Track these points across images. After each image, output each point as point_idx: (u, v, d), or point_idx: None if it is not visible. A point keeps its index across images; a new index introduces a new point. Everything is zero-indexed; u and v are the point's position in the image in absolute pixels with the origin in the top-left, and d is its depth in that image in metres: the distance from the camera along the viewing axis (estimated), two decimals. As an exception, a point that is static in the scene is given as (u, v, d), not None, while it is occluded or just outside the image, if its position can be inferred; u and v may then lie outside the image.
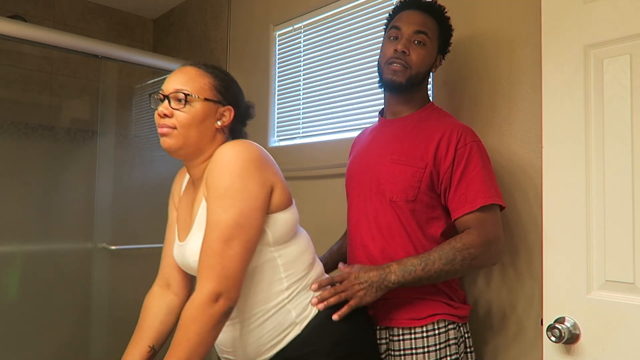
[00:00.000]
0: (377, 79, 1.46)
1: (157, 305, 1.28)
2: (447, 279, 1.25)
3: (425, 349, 1.28)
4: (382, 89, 1.46)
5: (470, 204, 1.25)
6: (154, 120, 1.20)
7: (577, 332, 1.09)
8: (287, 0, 2.33)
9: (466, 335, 1.36)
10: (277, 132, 2.39)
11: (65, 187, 2.38)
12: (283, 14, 2.36)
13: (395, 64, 1.35)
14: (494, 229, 1.26)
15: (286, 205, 1.18)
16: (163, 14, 3.25)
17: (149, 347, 1.22)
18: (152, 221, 2.51)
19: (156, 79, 2.76)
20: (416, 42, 1.36)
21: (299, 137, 2.29)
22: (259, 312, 1.16)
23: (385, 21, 1.49)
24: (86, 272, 2.31)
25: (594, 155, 1.09)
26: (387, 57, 1.38)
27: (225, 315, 1.06)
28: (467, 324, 1.39)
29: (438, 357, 1.28)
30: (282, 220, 1.16)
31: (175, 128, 1.14)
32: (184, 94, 1.15)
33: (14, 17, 2.47)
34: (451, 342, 1.30)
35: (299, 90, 2.27)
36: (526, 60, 1.49)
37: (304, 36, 2.26)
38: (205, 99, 1.17)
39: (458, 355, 1.31)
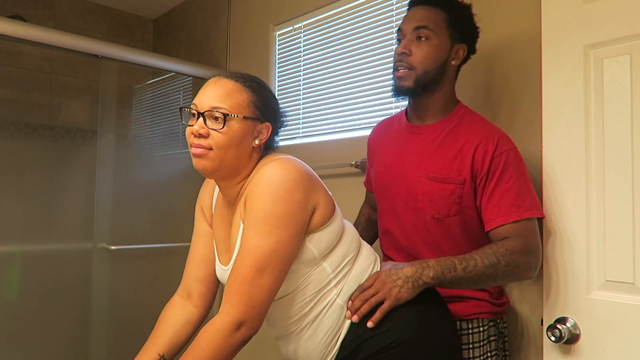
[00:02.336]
0: (377, 79, 1.45)
1: (174, 315, 1.23)
2: (485, 285, 1.20)
3: (470, 345, 1.28)
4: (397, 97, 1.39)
5: (503, 216, 1.19)
6: (154, 120, 1.15)
7: (577, 332, 1.08)
8: (287, 0, 2.33)
9: (503, 329, 1.38)
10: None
11: (65, 187, 2.38)
12: (283, 14, 2.36)
13: (399, 69, 1.30)
14: (534, 240, 1.18)
15: (329, 217, 1.10)
16: (163, 14, 3.25)
17: (159, 355, 1.18)
18: (152, 221, 2.51)
19: (156, 79, 2.76)
20: (417, 38, 1.28)
21: (299, 137, 2.29)
22: (313, 318, 1.12)
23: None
24: (86, 272, 2.30)
25: (594, 155, 1.09)
26: (394, 63, 1.32)
27: (243, 344, 1.02)
28: (504, 317, 1.39)
29: (481, 353, 1.29)
30: (327, 236, 1.10)
31: (211, 149, 1.05)
32: (222, 113, 1.05)
33: (14, 17, 2.47)
34: (492, 338, 1.31)
35: (299, 90, 2.27)
36: (526, 60, 1.49)
37: (304, 36, 2.26)
38: (245, 118, 1.07)
39: (498, 351, 1.32)
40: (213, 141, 1.05)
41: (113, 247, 2.33)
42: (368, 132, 1.95)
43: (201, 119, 1.06)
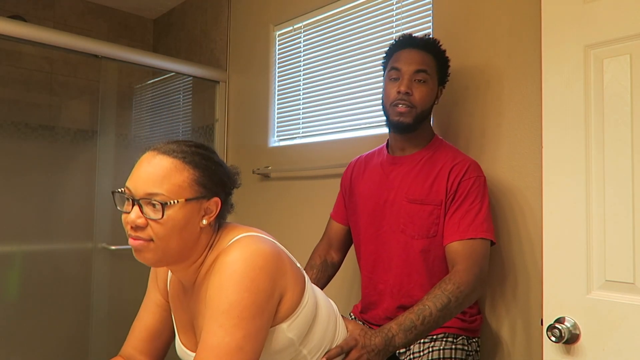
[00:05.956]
0: (377, 79, 1.49)
1: None
2: (444, 323, 1.25)
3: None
4: (389, 129, 1.50)
5: (461, 233, 1.31)
6: (154, 120, 1.08)
7: (577, 332, 1.08)
8: (287, 0, 2.33)
9: (476, 350, 1.42)
10: (277, 132, 2.39)
11: (65, 187, 2.38)
12: (283, 14, 2.36)
13: (400, 105, 1.39)
14: (480, 261, 1.29)
15: (298, 300, 1.01)
16: (163, 14, 3.25)
17: None
18: (152, 221, 2.51)
19: (156, 79, 2.76)
20: (417, 80, 1.39)
21: (299, 137, 2.29)
22: None
23: (382, 60, 1.51)
24: (86, 272, 2.30)
25: (593, 156, 1.09)
26: (391, 98, 1.41)
27: None
28: (478, 339, 1.44)
29: None
30: (302, 320, 1.02)
31: (152, 240, 0.93)
32: (160, 202, 0.91)
33: (14, 17, 2.47)
34: (459, 354, 1.36)
35: (299, 90, 2.27)
36: (526, 59, 1.49)
37: (304, 36, 2.26)
38: (187, 200, 0.94)
39: None
40: (153, 232, 0.92)
41: (113, 247, 2.33)
42: (368, 132, 1.95)
43: (137, 206, 0.93)
